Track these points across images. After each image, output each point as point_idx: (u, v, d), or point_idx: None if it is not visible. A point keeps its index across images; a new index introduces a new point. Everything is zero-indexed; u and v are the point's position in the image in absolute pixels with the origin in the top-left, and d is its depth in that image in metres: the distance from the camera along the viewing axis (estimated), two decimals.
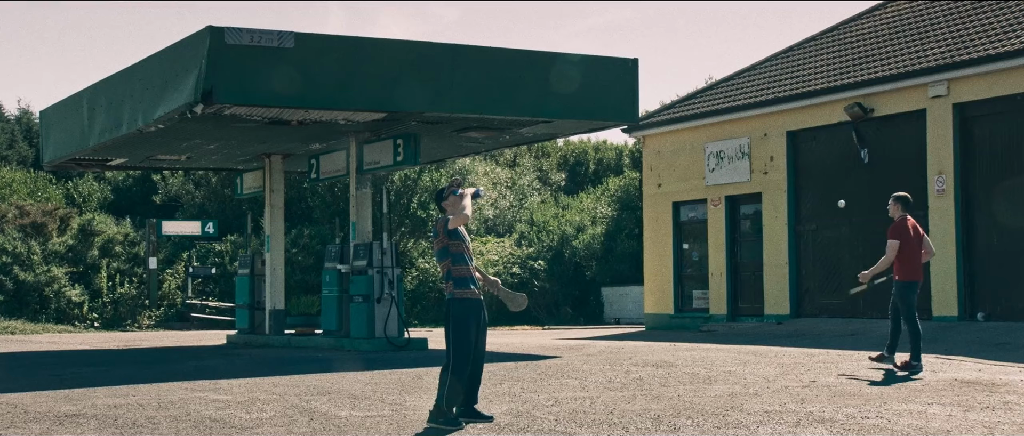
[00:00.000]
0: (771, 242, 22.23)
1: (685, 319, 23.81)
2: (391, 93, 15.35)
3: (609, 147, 48.89)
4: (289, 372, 13.07)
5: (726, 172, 23.08)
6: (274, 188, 20.32)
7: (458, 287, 8.73)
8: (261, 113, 15.43)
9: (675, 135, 24.37)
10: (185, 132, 17.05)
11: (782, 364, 13.19)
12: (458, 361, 8.68)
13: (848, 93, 20.73)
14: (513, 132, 17.93)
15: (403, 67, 15.30)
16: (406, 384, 11.59)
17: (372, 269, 16.88)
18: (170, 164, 22.21)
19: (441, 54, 15.55)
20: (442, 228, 8.74)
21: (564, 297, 33.72)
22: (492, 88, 15.91)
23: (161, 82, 15.29)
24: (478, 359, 8.86)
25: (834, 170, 21.34)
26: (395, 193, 33.52)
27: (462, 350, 8.67)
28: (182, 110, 14.54)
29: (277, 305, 20.00)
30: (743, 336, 19.59)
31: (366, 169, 17.71)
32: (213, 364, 14.87)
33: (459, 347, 8.68)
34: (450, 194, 8.86)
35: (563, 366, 13.35)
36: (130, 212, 36.79)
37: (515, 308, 9.36)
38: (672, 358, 14.16)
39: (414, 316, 31.48)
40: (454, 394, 8.71)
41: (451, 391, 8.68)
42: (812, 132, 21.73)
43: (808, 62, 23.24)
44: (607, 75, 16.65)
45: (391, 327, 16.92)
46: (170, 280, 31.04)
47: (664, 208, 24.56)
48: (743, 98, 23.18)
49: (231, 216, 35.47)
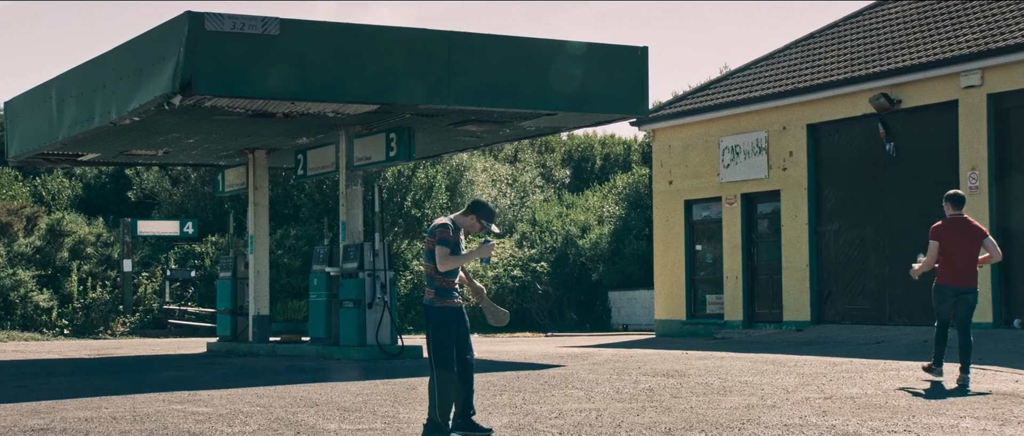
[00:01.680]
0: (790, 243, 22.24)
1: (698, 325, 23.82)
2: (384, 84, 15.35)
3: (617, 141, 48.93)
4: (274, 382, 13.08)
5: (742, 168, 23.09)
6: (258, 185, 20.33)
7: (439, 296, 8.86)
8: (244, 105, 15.44)
9: (687, 129, 24.38)
10: (162, 125, 17.06)
11: (802, 374, 13.19)
12: (441, 369, 8.74)
13: (873, 83, 20.73)
14: (514, 126, 17.94)
15: (397, 56, 15.31)
16: (400, 395, 11.60)
17: (363, 272, 16.89)
18: (146, 159, 22.22)
19: (437, 42, 15.56)
20: (442, 237, 8.77)
21: (568, 302, 33.74)
22: (491, 79, 15.92)
23: (136, 71, 15.30)
24: (466, 367, 8.92)
25: (858, 166, 21.35)
26: (388, 191, 33.54)
27: (443, 358, 8.75)
28: (159, 101, 14.55)
29: (261, 311, 20.02)
30: (760, 344, 19.59)
31: (357, 165, 17.72)
32: (192, 374, 14.87)
33: (440, 355, 8.77)
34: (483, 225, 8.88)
35: (567, 376, 13.36)
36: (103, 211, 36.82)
37: (494, 322, 9.43)
38: (684, 367, 14.16)
39: (408, 322, 31.50)
40: (445, 404, 8.75)
41: (442, 402, 8.73)
42: (835, 125, 21.74)
43: (831, 50, 23.25)
44: (614, 64, 16.65)
45: (383, 334, 16.93)
46: (146, 284, 31.06)
47: (675, 207, 24.57)
48: (760, 89, 23.19)
49: (212, 215, 35.49)
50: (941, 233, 12.01)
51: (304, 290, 28.00)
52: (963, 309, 11.96)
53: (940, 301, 12.01)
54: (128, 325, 29.66)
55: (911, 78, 20.22)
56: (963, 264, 11.93)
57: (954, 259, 11.94)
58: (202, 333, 28.43)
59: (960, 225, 11.99)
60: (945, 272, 11.97)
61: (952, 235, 11.97)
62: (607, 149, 48.35)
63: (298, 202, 34.93)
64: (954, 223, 12.01)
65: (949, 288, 11.95)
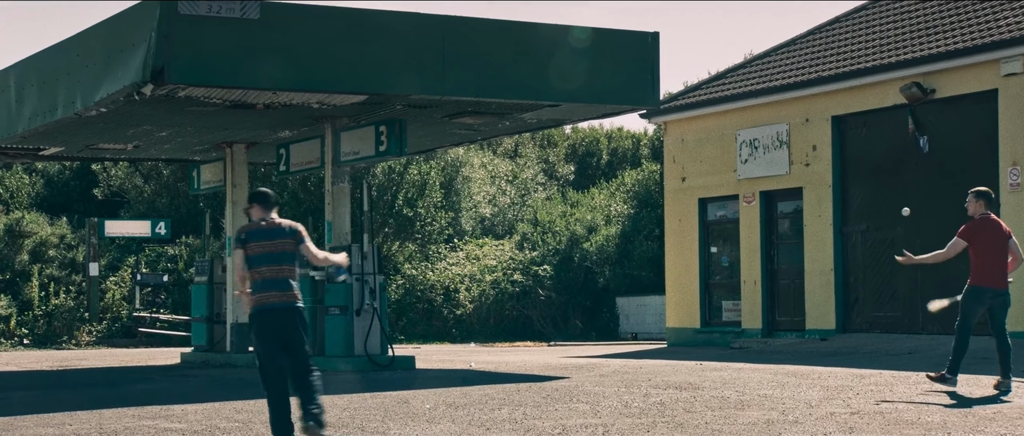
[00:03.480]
0: (814, 245, 22.25)
1: (713, 334, 23.83)
2: (373, 73, 15.36)
3: (625, 135, 48.93)
4: (254, 396, 13.08)
5: (761, 164, 23.10)
6: (236, 182, 20.33)
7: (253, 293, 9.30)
8: (221, 95, 15.44)
9: (702, 121, 24.38)
10: (132, 117, 17.06)
11: (827, 387, 13.20)
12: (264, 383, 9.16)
13: (904, 71, 20.73)
14: (514, 118, 17.95)
15: (388, 43, 15.31)
16: (390, 410, 11.61)
17: (351, 276, 16.90)
18: (114, 154, 22.22)
19: (431, 28, 15.56)
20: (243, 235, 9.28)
21: (573, 308, 33.74)
22: (490, 67, 15.93)
23: (103, 58, 15.30)
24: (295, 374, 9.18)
25: (888, 161, 21.35)
26: (377, 188, 33.55)
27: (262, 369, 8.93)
28: (128, 91, 14.55)
29: (240, 318, 20.01)
30: (781, 354, 19.59)
31: (344, 160, 17.72)
32: (165, 387, 14.88)
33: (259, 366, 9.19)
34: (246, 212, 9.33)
35: (572, 388, 13.37)
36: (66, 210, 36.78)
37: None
38: (698, 379, 14.17)
39: (399, 331, 31.51)
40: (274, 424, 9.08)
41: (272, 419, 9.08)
42: (862, 117, 21.74)
43: (858, 35, 23.26)
44: (623, 52, 16.66)
45: (373, 343, 16.94)
46: (114, 289, 31.05)
47: (689, 205, 24.58)
48: (781, 78, 23.19)
49: (186, 214, 35.48)
50: (973, 233, 12.28)
51: None
52: (1000, 312, 12.34)
53: (978, 303, 12.25)
54: (94, 334, 29.65)
55: (946, 65, 20.22)
56: (1000, 265, 12.30)
57: (991, 259, 12.24)
58: (175, 343, 28.43)
59: (992, 224, 12.36)
60: (983, 273, 12.27)
61: (987, 235, 12.29)
62: (615, 143, 48.34)
63: (280, 201, 34.93)
64: (987, 222, 12.34)
65: (989, 290, 12.27)
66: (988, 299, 12.31)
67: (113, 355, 23.86)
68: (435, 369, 17.59)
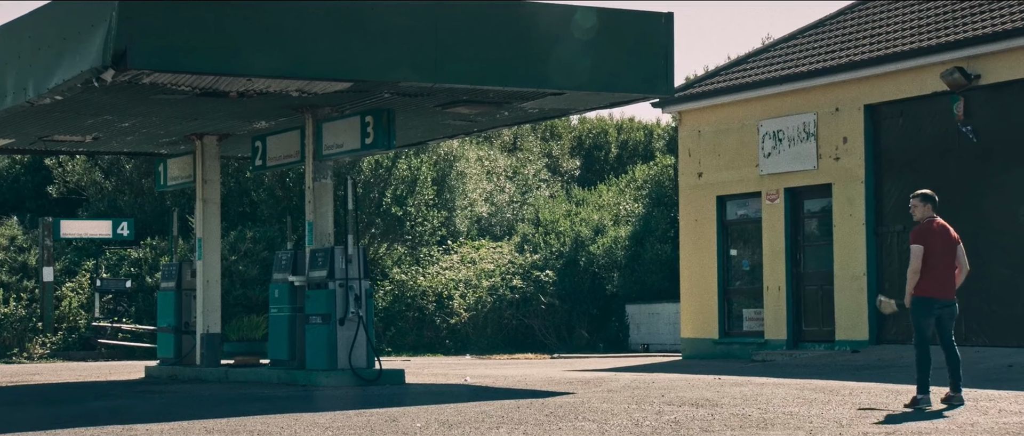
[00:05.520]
0: (844, 247, 22.25)
1: (733, 345, 23.84)
2: (359, 57, 15.36)
3: (636, 126, 48.95)
4: (226, 414, 13.09)
5: (786, 158, 23.11)
6: (207, 178, 20.34)
7: None
8: (191, 81, 15.45)
9: (721, 110, 24.39)
10: (91, 105, 17.06)
11: (858, 404, 13.22)
12: None
13: (946, 55, 20.73)
14: (514, 107, 17.96)
15: (374, 24, 15.31)
16: (377, 429, 11.62)
17: (334, 282, 16.90)
18: (71, 147, 22.20)
19: (423, 9, 15.57)
20: None
21: (578, 317, 33.77)
22: (487, 51, 15.94)
23: (58, 40, 15.30)
24: None
25: (927, 154, 21.35)
26: (363, 185, 33.57)
27: None
28: (87, 77, 14.54)
29: (211, 328, 20.03)
30: (808, 368, 19.60)
31: (326, 154, 17.73)
32: (127, 404, 14.88)
33: None
34: None
35: (577, 405, 13.38)
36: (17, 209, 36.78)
37: None
38: (716, 396, 14.18)
39: (387, 342, 31.53)
40: None
41: None
42: (898, 105, 21.75)
43: (894, 15, 23.27)
44: (633, 34, 16.66)
45: (358, 356, 16.94)
46: (71, 297, 31.06)
47: (706, 204, 24.59)
48: (808, 62, 23.21)
49: (151, 214, 35.49)
50: (923, 236, 12.73)
51: (263, 304, 27.99)
52: (949, 322, 12.85)
53: (927, 314, 12.71)
54: (49, 346, 29.64)
55: (992, 48, 20.23)
56: (948, 273, 12.81)
57: (941, 267, 12.71)
58: (139, 355, 28.43)
59: (941, 229, 12.83)
60: (931, 283, 12.68)
61: (935, 241, 12.75)
62: (624, 135, 48.35)
63: (256, 199, 34.93)
64: (935, 227, 12.80)
65: (936, 300, 12.73)
66: (937, 309, 12.72)
67: (70, 369, 23.86)
68: (427, 384, 17.60)
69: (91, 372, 22.48)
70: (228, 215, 32.46)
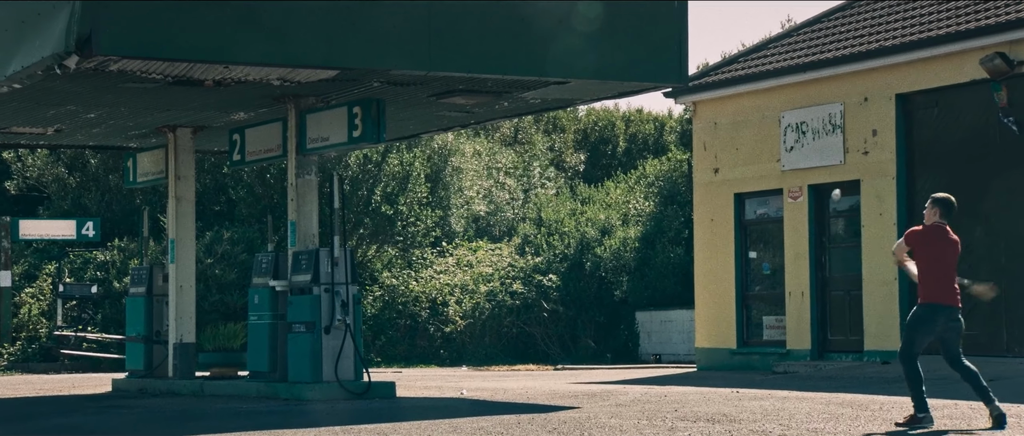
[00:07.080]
0: (874, 249, 22.25)
1: (752, 356, 23.85)
2: (346, 42, 15.34)
3: (646, 118, 48.99)
4: (201, 431, 13.08)
5: (810, 152, 23.12)
6: (181, 174, 20.33)
7: None
8: (162, 69, 15.44)
9: (739, 100, 24.39)
10: (53, 95, 17.05)
11: (888, 420, 13.22)
12: None
13: (985, 39, 20.73)
14: (514, 97, 17.96)
15: (362, 6, 15.30)
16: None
17: (319, 287, 16.89)
18: (31, 140, 22.19)
19: None
20: None
21: (584, 325, 33.78)
22: (485, 36, 15.93)
23: (16, 23, 15.29)
24: None
25: (964, 148, 21.35)
26: (351, 181, 33.58)
27: None
28: (48, 63, 14.53)
29: (185, 337, 20.03)
30: (834, 380, 19.60)
31: (310, 148, 17.72)
32: (92, 421, 14.86)
33: None
34: None
35: (582, 420, 13.38)
36: None
37: None
38: (735, 410, 14.18)
39: (376, 352, 31.53)
40: None
41: None
42: (933, 95, 21.75)
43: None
44: (644, 18, 16.66)
45: (345, 367, 16.93)
46: (31, 303, 31.06)
47: (723, 202, 24.59)
48: (834, 48, 23.21)
49: (120, 213, 35.50)
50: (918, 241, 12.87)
51: (241, 310, 28.00)
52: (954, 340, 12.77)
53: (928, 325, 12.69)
54: (6, 357, 29.65)
55: None
56: (952, 279, 12.81)
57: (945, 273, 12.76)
58: (106, 367, 28.43)
59: (945, 233, 12.92)
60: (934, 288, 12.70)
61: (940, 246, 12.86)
62: (633, 128, 48.39)
63: (234, 196, 34.95)
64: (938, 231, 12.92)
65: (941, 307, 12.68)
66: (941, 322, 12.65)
67: (29, 382, 23.86)
68: (420, 398, 17.60)
69: (53, 386, 22.47)
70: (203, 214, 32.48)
